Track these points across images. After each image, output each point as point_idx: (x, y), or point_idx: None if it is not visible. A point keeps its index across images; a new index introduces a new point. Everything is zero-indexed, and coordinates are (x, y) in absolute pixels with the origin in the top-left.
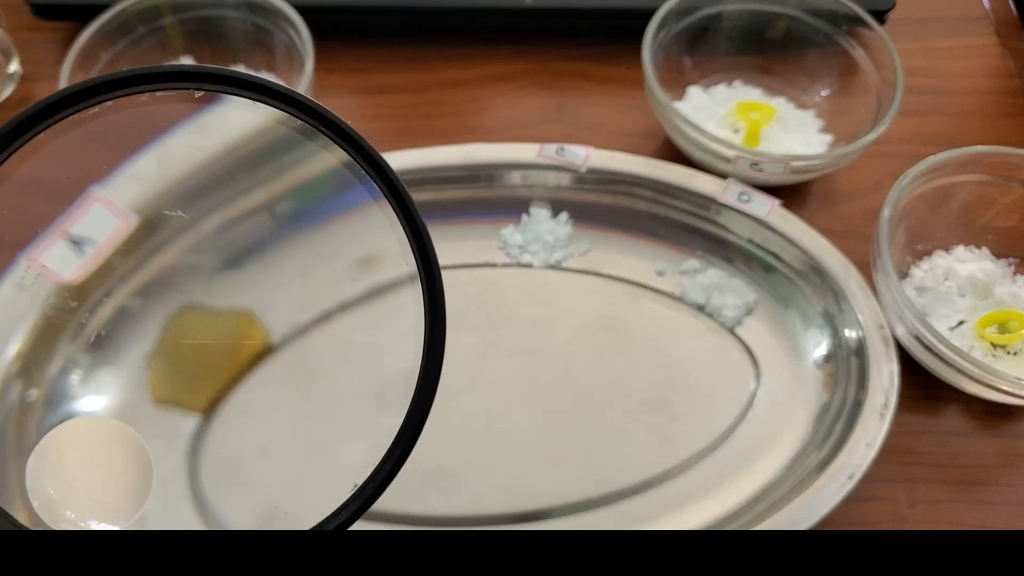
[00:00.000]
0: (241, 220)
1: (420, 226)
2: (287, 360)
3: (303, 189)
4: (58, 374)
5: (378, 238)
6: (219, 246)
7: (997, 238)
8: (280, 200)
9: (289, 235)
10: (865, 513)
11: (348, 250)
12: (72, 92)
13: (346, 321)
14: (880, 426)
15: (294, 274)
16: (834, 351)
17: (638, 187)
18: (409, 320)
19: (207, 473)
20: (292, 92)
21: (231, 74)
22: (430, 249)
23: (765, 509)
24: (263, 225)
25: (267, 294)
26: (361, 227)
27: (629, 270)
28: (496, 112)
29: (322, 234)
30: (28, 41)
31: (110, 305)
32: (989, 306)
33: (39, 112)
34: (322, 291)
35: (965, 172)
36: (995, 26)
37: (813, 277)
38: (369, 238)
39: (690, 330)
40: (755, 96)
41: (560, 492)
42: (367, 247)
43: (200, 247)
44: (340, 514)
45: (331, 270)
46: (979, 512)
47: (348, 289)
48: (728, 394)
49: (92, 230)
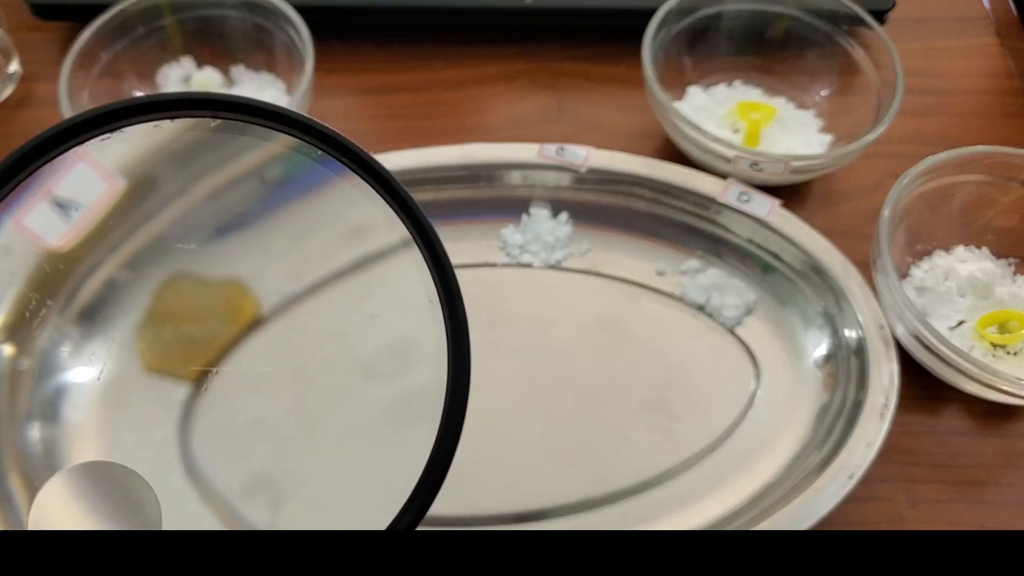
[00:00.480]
0: (231, 187)
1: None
2: (280, 328)
3: (293, 155)
4: (48, 344)
5: (368, 207)
6: (209, 214)
7: (997, 238)
8: (269, 165)
9: (279, 203)
10: (865, 513)
11: (339, 219)
12: (76, 123)
13: (340, 290)
14: (880, 426)
15: (285, 243)
16: (834, 351)
17: (638, 187)
18: (407, 287)
19: (198, 441)
20: (307, 120)
21: (233, 100)
22: (422, 218)
23: (765, 509)
24: (253, 192)
25: (258, 264)
26: (352, 194)
27: (629, 270)
28: (496, 112)
29: (314, 201)
30: (28, 41)
31: (99, 274)
32: (989, 306)
33: (42, 144)
34: (314, 261)
35: (965, 172)
36: (995, 26)
37: (813, 277)
38: (360, 207)
39: (690, 330)
40: (755, 96)
41: (560, 492)
42: (358, 216)
43: (189, 216)
44: (406, 513)
45: (322, 239)
46: (979, 512)
47: (340, 258)
48: (728, 394)
49: (77, 192)
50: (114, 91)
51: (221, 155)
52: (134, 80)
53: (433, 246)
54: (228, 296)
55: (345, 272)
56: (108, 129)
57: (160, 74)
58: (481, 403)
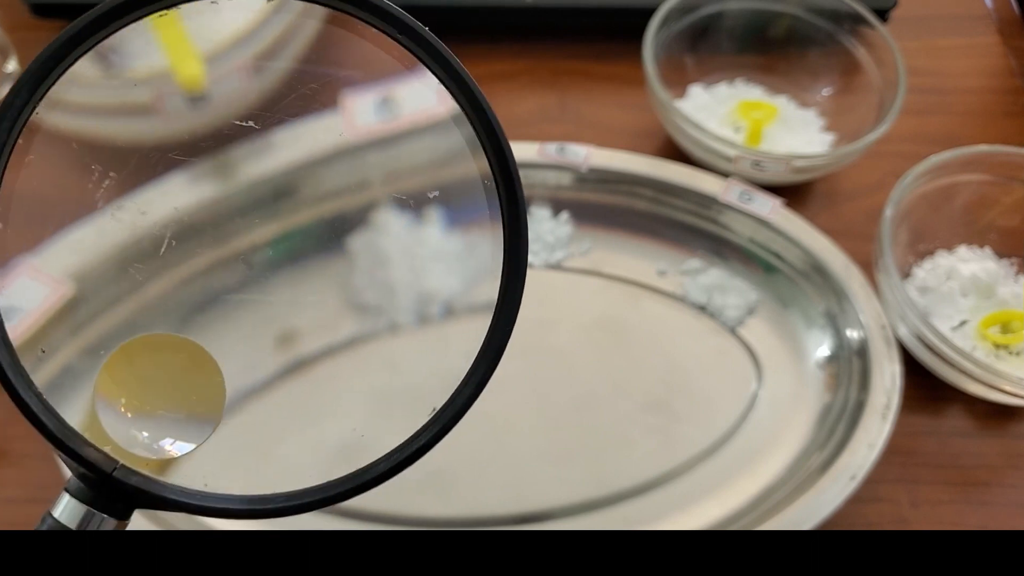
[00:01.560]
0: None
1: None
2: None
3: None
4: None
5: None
6: (169, 307)
7: (1000, 238)
8: (257, 249)
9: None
10: (867, 514)
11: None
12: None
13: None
14: (882, 427)
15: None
16: (836, 351)
17: (639, 186)
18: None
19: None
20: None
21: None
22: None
23: (767, 510)
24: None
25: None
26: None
27: (630, 270)
28: (497, 110)
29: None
30: (26, 40)
31: (55, 362)
32: (992, 306)
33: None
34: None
35: (968, 171)
36: (998, 25)
37: (815, 277)
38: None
39: (691, 330)
40: (757, 95)
41: (561, 493)
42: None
43: (149, 307)
44: (419, 437)
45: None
46: (982, 513)
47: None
48: (730, 395)
49: (20, 300)
50: None
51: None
52: None
53: (491, 125)
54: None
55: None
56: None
57: None
58: (482, 404)
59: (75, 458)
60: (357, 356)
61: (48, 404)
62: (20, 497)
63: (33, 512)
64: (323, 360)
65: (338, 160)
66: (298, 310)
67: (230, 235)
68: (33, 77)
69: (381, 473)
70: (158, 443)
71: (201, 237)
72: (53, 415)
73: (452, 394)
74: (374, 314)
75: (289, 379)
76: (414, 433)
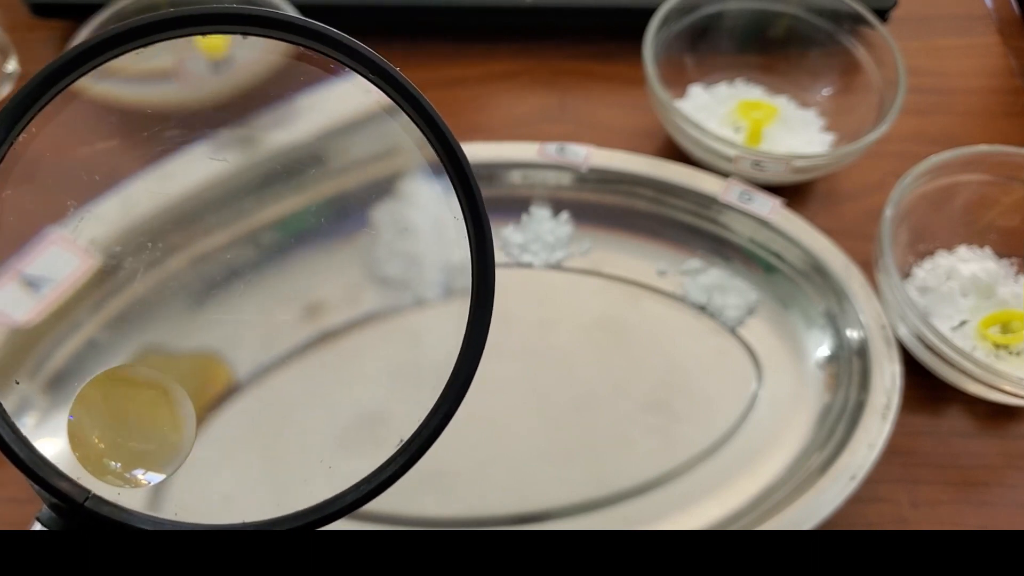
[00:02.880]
0: (211, 255)
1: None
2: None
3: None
4: (13, 413)
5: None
6: (185, 282)
7: (1000, 238)
8: (265, 231)
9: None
10: (867, 514)
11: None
12: (108, 36)
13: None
14: (882, 427)
15: (262, 309)
16: (836, 351)
17: (639, 186)
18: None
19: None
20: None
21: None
22: (459, 155)
23: (767, 510)
24: (235, 259)
25: (233, 330)
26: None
27: (630, 270)
28: (497, 110)
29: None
30: (26, 40)
31: (70, 344)
32: (992, 306)
33: (75, 57)
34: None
35: (968, 172)
36: (998, 25)
37: (815, 277)
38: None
39: (691, 330)
40: (757, 95)
41: (561, 493)
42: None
43: (166, 284)
44: (386, 469)
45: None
46: (982, 513)
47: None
48: (730, 395)
49: (50, 270)
50: None
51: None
52: None
53: (461, 167)
54: (200, 369)
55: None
56: (140, 44)
57: None
58: (482, 404)
59: (47, 488)
60: (379, 330)
61: (21, 434)
62: (22, 497)
63: (35, 512)
64: (346, 333)
65: (365, 126)
66: (318, 283)
67: (250, 208)
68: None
69: (348, 504)
70: (129, 473)
71: (221, 210)
72: (26, 445)
73: (419, 426)
74: (398, 288)
75: (310, 352)
76: (381, 464)
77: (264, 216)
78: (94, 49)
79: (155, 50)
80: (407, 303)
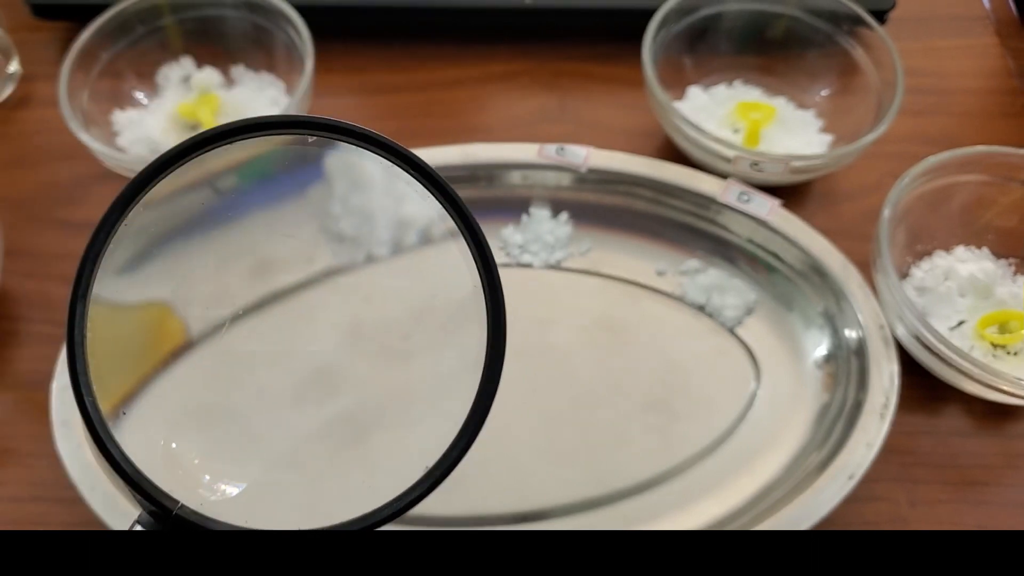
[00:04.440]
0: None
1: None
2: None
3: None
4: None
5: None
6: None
7: (997, 238)
8: (222, 176)
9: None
10: (865, 514)
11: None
12: (196, 141)
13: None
14: (880, 426)
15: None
16: (834, 351)
17: (638, 187)
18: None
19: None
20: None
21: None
22: (467, 213)
23: (765, 509)
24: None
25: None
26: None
27: (629, 270)
28: (497, 111)
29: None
30: (28, 41)
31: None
32: (989, 306)
33: (168, 160)
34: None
35: (965, 172)
36: (995, 26)
37: (813, 277)
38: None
39: (690, 330)
40: (755, 96)
41: (560, 492)
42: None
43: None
44: (414, 490)
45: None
46: (980, 513)
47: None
48: (728, 394)
49: None
50: (114, 91)
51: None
52: (134, 80)
53: (478, 238)
54: (152, 320)
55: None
56: (224, 143)
57: (160, 74)
58: None
59: (150, 500)
60: (332, 286)
61: (127, 456)
62: (24, 496)
63: (37, 510)
64: (298, 291)
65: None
66: (273, 239)
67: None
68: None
69: (383, 518)
70: (216, 485)
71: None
72: (131, 465)
73: (443, 454)
74: (350, 244)
75: (266, 308)
76: (409, 486)
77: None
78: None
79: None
80: (359, 260)
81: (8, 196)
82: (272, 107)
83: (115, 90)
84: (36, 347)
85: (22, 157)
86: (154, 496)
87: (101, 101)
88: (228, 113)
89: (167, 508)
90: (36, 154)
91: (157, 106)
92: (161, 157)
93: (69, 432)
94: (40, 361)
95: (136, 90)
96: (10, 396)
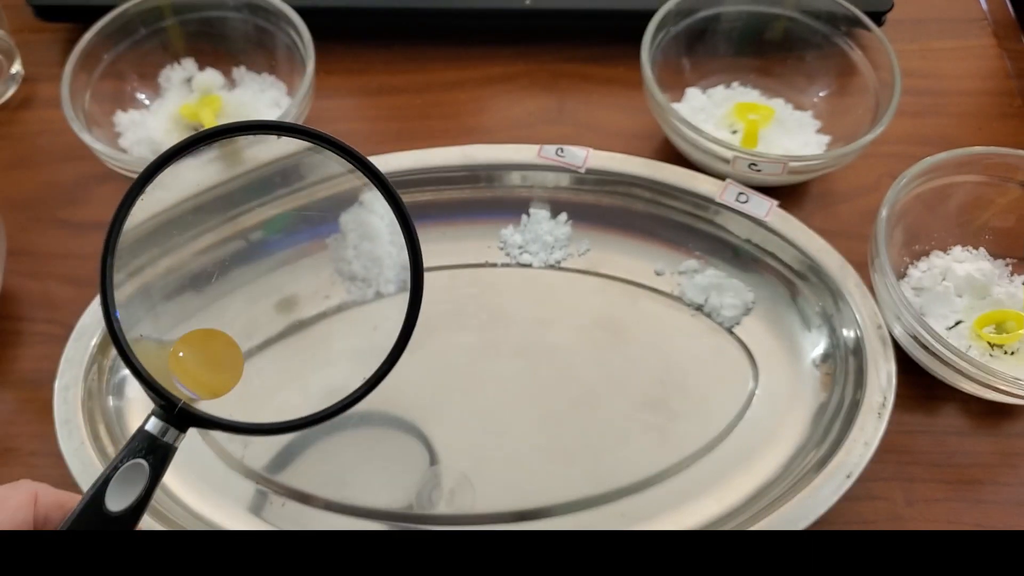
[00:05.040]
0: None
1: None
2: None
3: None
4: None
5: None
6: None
7: (994, 238)
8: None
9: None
10: (862, 512)
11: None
12: (196, 139)
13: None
14: (878, 425)
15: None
16: (832, 351)
17: (637, 187)
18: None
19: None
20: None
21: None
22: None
23: (763, 508)
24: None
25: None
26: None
27: (628, 270)
28: (496, 113)
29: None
30: (30, 43)
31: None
32: (986, 306)
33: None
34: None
35: (962, 173)
36: (993, 27)
37: (811, 277)
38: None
39: (688, 330)
40: (753, 97)
41: (559, 491)
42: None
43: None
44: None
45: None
46: (976, 511)
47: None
48: (726, 393)
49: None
50: (116, 92)
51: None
52: (136, 81)
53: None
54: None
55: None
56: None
57: (162, 75)
58: (481, 402)
59: (162, 395)
60: (345, 319)
61: (143, 366)
62: None
63: None
64: (317, 322)
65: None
66: (295, 279)
67: (237, 215)
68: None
69: (339, 407)
70: (210, 388)
71: (212, 215)
72: (146, 372)
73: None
74: (361, 283)
75: (288, 338)
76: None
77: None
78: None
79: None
80: (369, 297)
81: (11, 196)
82: (274, 108)
83: (117, 91)
84: (38, 346)
85: (25, 158)
86: (162, 392)
87: (103, 102)
88: (230, 114)
89: (173, 402)
90: (39, 155)
91: (159, 107)
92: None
93: (71, 431)
94: (42, 360)
95: (138, 91)
96: (12, 395)
